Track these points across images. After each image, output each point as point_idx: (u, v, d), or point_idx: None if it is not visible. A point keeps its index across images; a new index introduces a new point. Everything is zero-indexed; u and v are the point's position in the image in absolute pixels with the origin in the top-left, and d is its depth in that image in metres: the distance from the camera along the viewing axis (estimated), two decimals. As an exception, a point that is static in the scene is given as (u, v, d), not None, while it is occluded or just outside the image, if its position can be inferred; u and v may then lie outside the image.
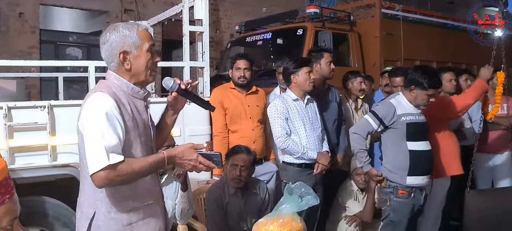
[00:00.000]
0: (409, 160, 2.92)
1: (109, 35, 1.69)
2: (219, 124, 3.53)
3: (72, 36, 8.62)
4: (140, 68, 1.71)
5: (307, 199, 1.91)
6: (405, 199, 2.95)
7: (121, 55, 1.68)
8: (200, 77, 3.72)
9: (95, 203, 1.70)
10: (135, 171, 1.60)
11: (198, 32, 3.75)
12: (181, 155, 1.63)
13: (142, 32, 1.72)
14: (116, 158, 1.56)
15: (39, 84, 7.37)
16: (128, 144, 1.66)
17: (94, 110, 1.61)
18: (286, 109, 3.20)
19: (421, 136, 2.97)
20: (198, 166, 1.64)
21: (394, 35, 5.82)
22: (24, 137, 2.93)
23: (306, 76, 3.21)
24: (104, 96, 1.63)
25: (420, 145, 2.95)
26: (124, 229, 1.71)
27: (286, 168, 3.28)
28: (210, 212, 2.97)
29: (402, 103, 3.00)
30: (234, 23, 7.57)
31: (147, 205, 1.77)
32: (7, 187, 1.08)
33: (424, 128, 3.01)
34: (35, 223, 2.99)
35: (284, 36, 5.78)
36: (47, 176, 3.02)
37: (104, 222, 1.70)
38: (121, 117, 1.63)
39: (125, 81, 1.72)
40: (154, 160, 1.63)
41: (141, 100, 1.77)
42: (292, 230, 1.88)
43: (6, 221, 1.07)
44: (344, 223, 3.66)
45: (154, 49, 1.75)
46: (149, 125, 1.80)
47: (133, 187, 1.70)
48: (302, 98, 3.28)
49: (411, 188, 2.94)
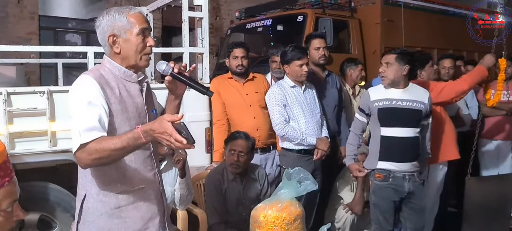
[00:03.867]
0: (379, 145, 2.95)
1: (101, 20, 1.70)
2: (218, 111, 3.53)
3: (71, 22, 8.57)
4: (129, 52, 1.70)
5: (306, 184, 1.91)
6: (381, 182, 2.96)
7: (111, 38, 1.68)
8: (199, 63, 3.71)
9: (86, 184, 1.72)
10: (107, 148, 1.52)
11: (198, 18, 3.73)
12: (155, 127, 1.46)
13: (134, 15, 1.70)
14: (88, 137, 1.53)
15: (38, 71, 7.35)
16: (113, 127, 1.65)
17: (75, 92, 1.63)
18: (284, 96, 3.20)
19: (399, 122, 2.90)
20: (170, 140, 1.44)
21: (395, 22, 5.78)
22: (23, 123, 2.93)
23: (298, 69, 3.22)
24: (87, 78, 1.64)
25: (395, 131, 2.91)
26: (112, 212, 1.72)
27: (285, 154, 3.30)
28: (209, 198, 2.99)
29: (377, 90, 3.05)
30: (234, 10, 7.53)
31: (138, 189, 1.76)
32: (6, 170, 1.08)
33: (403, 114, 2.92)
34: (35, 208, 3.01)
35: (284, 22, 5.75)
36: (47, 162, 3.03)
37: (92, 204, 1.71)
38: (104, 99, 1.62)
39: (117, 65, 1.72)
40: (128, 136, 1.52)
41: (135, 84, 1.76)
42: (291, 214, 1.89)
43: (6, 204, 1.08)
44: (342, 210, 3.70)
45: (147, 33, 1.73)
46: (144, 108, 1.77)
47: (121, 170, 1.70)
48: (300, 85, 3.28)
49: (388, 171, 2.94)
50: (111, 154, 1.54)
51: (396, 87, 2.96)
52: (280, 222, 1.86)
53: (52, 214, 3.10)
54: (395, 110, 2.93)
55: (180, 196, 2.95)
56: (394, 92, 2.97)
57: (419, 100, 2.96)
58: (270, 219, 1.88)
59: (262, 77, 3.75)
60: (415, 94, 2.98)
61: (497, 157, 4.16)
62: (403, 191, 2.96)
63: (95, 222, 1.72)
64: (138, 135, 1.50)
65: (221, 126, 3.51)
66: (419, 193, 3.01)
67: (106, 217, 1.72)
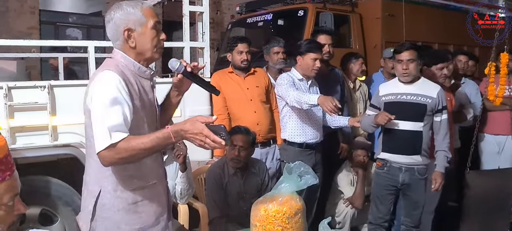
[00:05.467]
0: (382, 136, 3.10)
1: (114, 13, 1.68)
2: (219, 106, 3.53)
3: (72, 17, 8.56)
4: (145, 46, 1.70)
5: (306, 179, 1.91)
6: (379, 170, 3.14)
7: (126, 32, 1.67)
8: (200, 57, 3.71)
9: (101, 181, 1.71)
10: (137, 148, 1.54)
11: (198, 12, 3.73)
12: (187, 128, 1.50)
13: (146, 9, 1.70)
14: (118, 137, 1.54)
15: (39, 65, 7.36)
16: (136, 124, 1.65)
17: (102, 88, 1.60)
18: (293, 83, 3.19)
19: (401, 115, 2.93)
20: (205, 141, 1.48)
21: (396, 16, 5.75)
22: (24, 117, 2.94)
23: (310, 62, 3.20)
24: (113, 75, 1.62)
25: (397, 124, 2.96)
26: (129, 207, 1.73)
27: (286, 148, 3.30)
28: (210, 192, 3.00)
29: (386, 85, 3.16)
30: (234, 4, 7.51)
31: (152, 184, 1.78)
32: (8, 164, 1.09)
33: (407, 108, 2.96)
34: (36, 202, 3.02)
35: (285, 17, 5.73)
36: (48, 156, 3.04)
37: (109, 200, 1.71)
38: (129, 96, 1.62)
39: (131, 60, 1.71)
40: (158, 136, 1.54)
41: (148, 80, 1.77)
42: (291, 208, 1.88)
43: (7, 198, 1.09)
44: (343, 204, 3.71)
45: (159, 27, 1.74)
46: (155, 104, 1.80)
47: (138, 165, 1.71)
48: (307, 80, 3.27)
49: (386, 161, 3.06)
50: (140, 153, 1.56)
51: (404, 82, 3.02)
52: (280, 216, 1.86)
53: (53, 208, 3.12)
54: (400, 104, 2.98)
55: (181, 190, 2.96)
56: (401, 87, 3.03)
57: (426, 95, 2.97)
58: (270, 213, 1.87)
59: (263, 71, 3.75)
60: (423, 89, 2.99)
61: (498, 151, 4.16)
62: (397, 181, 3.04)
63: (112, 218, 1.72)
64: (168, 135, 1.53)
65: (222, 120, 3.50)
66: (416, 187, 3.03)
67: (123, 213, 1.72)
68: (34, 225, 2.96)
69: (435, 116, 2.99)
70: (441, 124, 3.00)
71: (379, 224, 3.14)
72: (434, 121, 3.00)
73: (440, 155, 3.03)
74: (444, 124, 3.01)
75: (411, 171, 3.01)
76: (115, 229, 1.73)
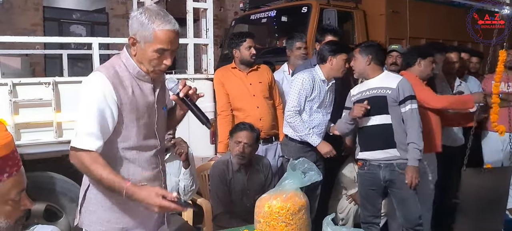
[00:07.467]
0: (358, 136, 3.13)
1: (133, 17, 1.67)
2: (222, 102, 3.53)
3: (75, 13, 8.58)
4: (143, 61, 1.69)
5: (310, 175, 1.92)
6: (361, 170, 3.14)
7: (131, 39, 1.67)
8: (204, 54, 3.72)
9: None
10: (94, 173, 1.59)
11: (202, 9, 3.74)
12: (142, 197, 1.57)
13: (160, 32, 1.62)
14: (82, 143, 1.59)
15: (43, 62, 7.38)
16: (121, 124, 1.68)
17: (86, 91, 1.65)
18: (311, 88, 3.15)
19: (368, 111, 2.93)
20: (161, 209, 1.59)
21: (400, 13, 5.75)
22: (29, 113, 2.96)
23: (342, 63, 3.18)
24: (101, 77, 1.64)
25: (366, 121, 2.98)
26: (112, 205, 1.75)
27: (288, 143, 3.29)
28: (214, 188, 3.01)
29: (357, 86, 3.18)
30: (238, 1, 7.50)
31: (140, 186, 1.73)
32: (14, 159, 1.10)
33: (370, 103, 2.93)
34: (42, 197, 3.05)
35: (288, 13, 5.72)
36: (53, 152, 3.06)
37: (95, 195, 1.75)
38: (115, 100, 1.63)
39: (133, 63, 1.71)
40: (115, 181, 1.58)
41: (149, 83, 1.75)
42: (295, 205, 1.89)
43: (14, 193, 1.10)
44: (346, 201, 3.71)
45: (167, 54, 1.67)
46: (155, 107, 1.78)
47: (125, 167, 1.73)
48: (328, 82, 3.24)
49: (365, 160, 3.07)
50: (93, 178, 1.64)
51: (367, 78, 3.06)
52: (284, 212, 1.87)
53: (58, 204, 3.14)
54: (364, 100, 2.98)
55: (184, 186, 2.97)
56: (365, 84, 3.09)
57: (385, 87, 2.96)
58: (274, 209, 1.88)
59: (266, 67, 3.75)
60: (383, 82, 3.00)
61: (502, 148, 4.14)
62: (379, 179, 3.01)
63: (96, 213, 1.75)
64: (121, 189, 1.57)
65: (225, 116, 3.52)
66: (398, 182, 2.96)
67: (107, 209, 1.74)
68: (39, 221, 2.98)
69: (400, 107, 2.94)
70: (407, 114, 2.92)
71: (370, 222, 3.11)
72: (402, 112, 2.94)
73: (410, 148, 2.91)
74: (410, 114, 2.91)
75: (391, 167, 2.97)
76: (98, 225, 1.75)
